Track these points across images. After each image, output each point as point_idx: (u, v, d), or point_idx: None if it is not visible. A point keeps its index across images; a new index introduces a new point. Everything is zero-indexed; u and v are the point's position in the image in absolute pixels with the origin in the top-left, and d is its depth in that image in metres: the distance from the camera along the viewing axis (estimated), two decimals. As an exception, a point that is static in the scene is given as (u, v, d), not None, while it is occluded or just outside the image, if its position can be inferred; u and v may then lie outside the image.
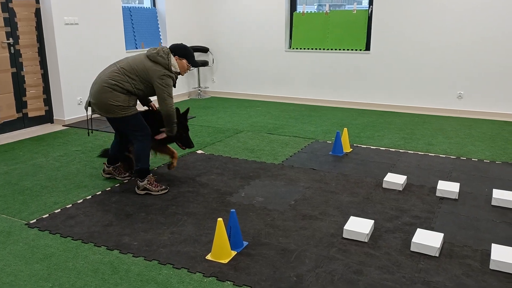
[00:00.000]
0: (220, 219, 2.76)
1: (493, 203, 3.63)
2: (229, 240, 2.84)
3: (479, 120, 6.67)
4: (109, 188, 4.04)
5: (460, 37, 6.82)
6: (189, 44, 8.57)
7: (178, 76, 4.03)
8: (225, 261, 2.77)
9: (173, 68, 3.80)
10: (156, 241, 3.06)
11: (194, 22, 8.57)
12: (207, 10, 8.63)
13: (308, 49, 8.05)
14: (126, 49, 7.40)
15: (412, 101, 7.34)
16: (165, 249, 2.96)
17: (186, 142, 4.15)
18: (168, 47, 3.92)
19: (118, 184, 4.14)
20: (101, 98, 3.73)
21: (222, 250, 2.78)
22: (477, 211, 3.52)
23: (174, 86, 3.92)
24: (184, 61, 3.93)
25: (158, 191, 3.87)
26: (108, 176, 4.28)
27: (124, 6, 7.53)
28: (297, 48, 8.14)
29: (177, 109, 3.98)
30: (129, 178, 4.27)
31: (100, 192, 3.96)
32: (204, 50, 8.82)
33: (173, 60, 3.82)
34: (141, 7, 8.05)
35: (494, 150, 5.16)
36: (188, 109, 4.15)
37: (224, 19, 8.60)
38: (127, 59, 3.85)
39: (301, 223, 3.33)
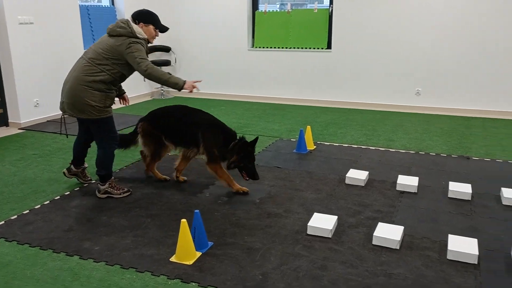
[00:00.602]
0: (183, 220, 2.73)
1: (450, 195, 3.77)
2: (194, 241, 2.81)
3: (437, 115, 6.90)
4: (69, 193, 3.92)
5: (417, 35, 7.03)
6: (151, 44, 8.43)
7: (148, 45, 3.75)
8: (190, 262, 2.74)
9: (138, 35, 3.57)
10: (118, 245, 2.99)
11: (155, 21, 8.45)
12: (167, 8, 8.51)
13: (270, 48, 8.09)
14: (84, 49, 7.19)
15: (373, 98, 7.51)
16: (128, 252, 2.90)
17: (250, 173, 3.79)
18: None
19: (78, 188, 4.02)
20: (76, 97, 3.52)
21: (186, 252, 2.75)
22: (435, 203, 3.64)
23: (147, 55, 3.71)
24: (151, 26, 3.72)
25: (120, 194, 3.78)
26: (71, 177, 4.08)
27: (82, 5, 7.32)
28: (260, 47, 8.16)
29: (243, 138, 3.77)
30: (91, 181, 4.15)
31: (59, 197, 3.83)
32: (166, 49, 8.71)
33: (136, 27, 3.61)
34: (99, 5, 7.85)
35: (451, 144, 5.35)
36: (257, 139, 3.83)
37: (186, 18, 8.51)
38: (91, 48, 3.63)
39: (266, 221, 3.34)
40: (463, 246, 2.80)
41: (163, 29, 3.82)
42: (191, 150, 3.94)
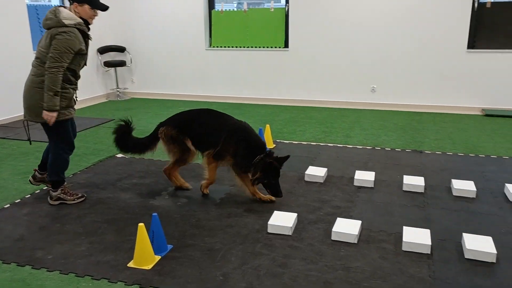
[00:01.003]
0: (141, 224, 2.66)
1: (404, 188, 3.89)
2: (152, 244, 2.76)
3: (391, 111, 7.11)
4: (19, 200, 3.74)
5: (371, 34, 7.21)
6: (104, 44, 8.20)
7: (89, 28, 3.48)
8: (149, 267, 2.69)
9: (66, 21, 3.27)
10: (73, 253, 2.89)
11: (107, 20, 8.20)
12: (121, 7, 8.30)
13: (228, 47, 8.06)
14: (33, 49, 6.90)
15: (330, 95, 7.64)
16: (83, 260, 2.80)
17: (274, 189, 3.53)
18: None
19: (29, 195, 3.84)
20: (30, 100, 3.36)
21: (144, 256, 2.69)
22: (390, 197, 3.75)
23: (86, 44, 3.44)
24: (86, 6, 3.39)
25: (73, 200, 3.65)
26: (38, 184, 3.85)
27: (30, 5, 7.01)
28: (217, 47, 8.12)
29: (271, 153, 3.53)
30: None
31: (8, 205, 3.65)
32: (121, 49, 8.50)
33: (67, 12, 3.33)
34: (49, 5, 7.55)
35: (405, 139, 5.53)
36: (288, 157, 3.59)
37: (141, 17, 8.34)
38: (37, 47, 3.43)
39: (227, 222, 3.32)
40: (417, 237, 2.90)
41: (101, 7, 3.48)
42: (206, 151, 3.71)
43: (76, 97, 3.58)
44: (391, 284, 2.50)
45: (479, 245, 2.80)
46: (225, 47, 8.08)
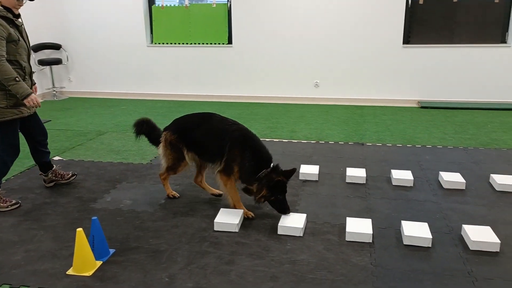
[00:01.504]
0: (79, 229, 2.55)
1: (347, 180, 4.00)
2: (93, 250, 2.65)
3: (334, 106, 7.29)
4: None
5: (314, 30, 7.35)
6: (38, 41, 7.76)
7: (18, 16, 3.32)
8: (90, 273, 2.58)
9: None
10: (7, 263, 2.71)
11: (41, 16, 7.77)
12: (56, 1, 7.90)
13: (171, 43, 7.91)
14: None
15: (275, 91, 7.71)
16: (18, 270, 2.64)
17: (281, 206, 3.20)
18: None
19: (-43, 204, 3.57)
20: None
21: (85, 262, 2.58)
22: (334, 189, 3.84)
23: (19, 32, 3.28)
24: None
25: (7, 207, 3.43)
26: (52, 184, 3.87)
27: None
28: (159, 43, 7.95)
29: (278, 167, 3.20)
30: (75, 176, 3.97)
31: None
32: (56, 47, 8.09)
33: None
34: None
35: (347, 132, 5.69)
36: (294, 170, 3.23)
37: (77, 13, 7.98)
38: None
39: (172, 222, 3.26)
40: (359, 227, 2.99)
41: None
42: (215, 165, 3.37)
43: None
44: (335, 274, 2.56)
45: (416, 231, 2.93)
46: (167, 43, 7.93)
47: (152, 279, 2.54)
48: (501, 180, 3.79)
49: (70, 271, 2.61)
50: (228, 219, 3.15)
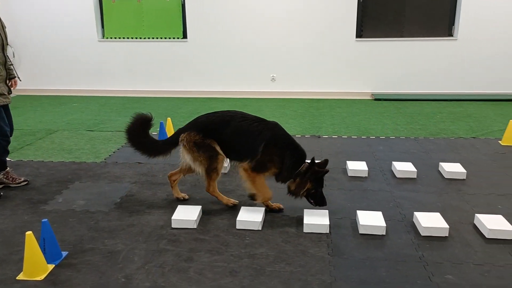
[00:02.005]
0: (28, 232, 2.44)
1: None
2: (44, 253, 2.54)
3: (291, 99, 7.36)
4: None
5: (269, 24, 7.37)
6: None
7: None
8: (41, 277, 2.47)
9: None
10: (-50, 272, 2.56)
11: (-16, 10, 7.37)
12: (-1, -4, 7.51)
13: (124, 38, 7.71)
14: None
15: (232, 86, 7.69)
16: (-38, 279, 2.49)
17: (320, 199, 3.19)
18: None
19: None
20: None
21: (35, 266, 2.47)
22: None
23: None
24: None
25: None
26: (0, 186, 3.67)
27: None
28: (111, 38, 7.72)
29: (314, 161, 3.16)
30: (27, 182, 3.78)
31: None
32: (2, 42, 7.68)
33: None
34: None
35: (304, 125, 5.76)
36: (327, 161, 3.24)
37: (23, 8, 7.60)
38: None
39: (129, 221, 3.18)
40: (316, 219, 3.04)
41: None
42: (243, 163, 3.25)
43: (8, 84, 3.51)
44: (294, 266, 2.59)
45: (371, 220, 3.01)
46: (120, 38, 7.71)
47: (107, 280, 2.47)
48: (449, 168, 3.96)
49: (20, 276, 2.49)
50: (186, 215, 3.11)
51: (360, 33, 7.37)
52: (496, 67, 7.16)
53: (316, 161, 3.20)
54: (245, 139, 3.22)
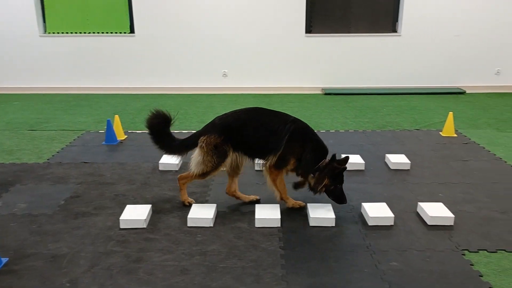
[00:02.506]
0: (-38, 240, 2.29)
1: (256, 168, 4.05)
2: (-19, 261, 2.40)
3: (243, 95, 7.36)
4: None
5: (220, 20, 7.31)
6: None
7: None
8: (-22, 287, 2.34)
9: None
10: None
11: None
12: None
13: (67, 33, 7.39)
14: None
15: (183, 82, 7.57)
16: None
17: (340, 196, 3.15)
18: None
19: None
20: None
21: (-29, 276, 2.33)
22: (244, 177, 3.84)
23: None
24: None
25: None
26: None
27: None
28: (53, 33, 7.38)
29: (335, 157, 3.14)
30: None
31: None
32: None
33: None
34: None
35: (255, 120, 5.77)
36: (347, 158, 3.21)
37: (-46, -1, 7.11)
38: None
39: (74, 223, 3.06)
40: (267, 213, 3.06)
41: None
42: (266, 160, 3.25)
43: None
44: (245, 261, 2.60)
45: (321, 212, 3.07)
46: (63, 33, 7.38)
47: (51, 286, 2.37)
48: (395, 159, 4.11)
49: (-47, 288, 2.34)
50: (135, 215, 3.04)
51: (309, 29, 7.48)
52: (437, 62, 7.49)
53: (337, 158, 3.19)
54: (268, 135, 3.20)
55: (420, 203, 3.19)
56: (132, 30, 7.40)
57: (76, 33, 7.40)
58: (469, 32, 7.32)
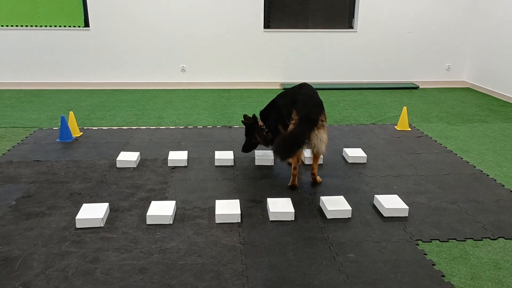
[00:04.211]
0: None
1: (216, 163, 4.05)
2: None
3: (202, 90, 7.29)
4: None
5: (178, 14, 7.20)
6: None
7: None
8: None
9: None
10: None
11: None
12: None
13: (16, 26, 7.05)
14: None
15: (140, 77, 7.42)
16: None
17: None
18: None
19: None
20: None
21: None
22: (203, 173, 3.86)
23: None
24: None
25: None
26: None
27: None
28: (3, 26, 7.02)
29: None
30: None
31: None
32: None
33: None
34: None
35: (215, 116, 5.75)
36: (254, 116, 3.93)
37: None
38: None
39: (26, 224, 2.94)
40: (227, 209, 3.06)
41: None
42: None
43: None
44: (205, 258, 2.59)
45: (280, 207, 3.10)
46: (11, 26, 7.04)
47: (2, 290, 2.27)
48: (352, 153, 4.21)
49: None
50: (91, 214, 2.96)
51: (268, 24, 7.50)
52: (392, 57, 7.72)
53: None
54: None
55: (377, 196, 3.29)
56: (86, 24, 7.16)
57: (26, 26, 7.07)
58: (422, 29, 7.59)
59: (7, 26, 7.03)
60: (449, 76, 7.88)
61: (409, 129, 5.20)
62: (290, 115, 3.39)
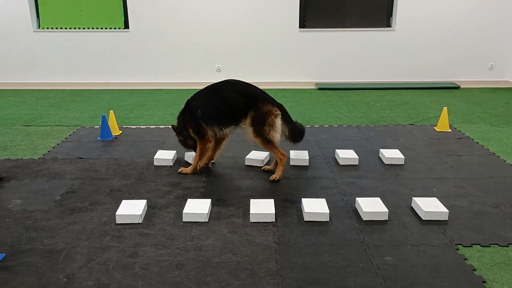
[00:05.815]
0: (-43, 236, 2.29)
1: (247, 163, 4.07)
2: (-24, 257, 2.40)
3: (237, 90, 7.34)
4: None
5: (213, 14, 7.29)
6: None
7: None
8: (-26, 283, 2.34)
9: None
10: None
11: None
12: None
13: (61, 28, 7.35)
14: None
15: (177, 77, 7.56)
16: None
17: None
18: None
19: None
20: None
21: (-33, 272, 2.33)
22: (238, 172, 3.89)
23: None
24: None
25: None
26: None
27: None
28: (47, 28, 7.33)
29: None
30: None
31: None
32: None
33: None
34: None
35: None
36: None
37: None
38: None
39: (70, 218, 3.07)
40: (262, 208, 3.07)
41: None
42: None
43: None
44: (240, 256, 2.62)
45: (315, 207, 3.09)
46: (57, 28, 7.34)
47: (48, 281, 2.38)
48: (388, 154, 4.14)
49: (-51, 284, 2.34)
50: (130, 210, 3.05)
51: (303, 24, 7.48)
52: (431, 56, 7.52)
53: None
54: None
55: (415, 198, 3.22)
56: (126, 26, 7.37)
57: (70, 28, 7.36)
58: (463, 27, 7.36)
59: (52, 28, 7.33)
60: (492, 76, 7.59)
61: (450, 130, 5.05)
62: (241, 109, 3.82)
